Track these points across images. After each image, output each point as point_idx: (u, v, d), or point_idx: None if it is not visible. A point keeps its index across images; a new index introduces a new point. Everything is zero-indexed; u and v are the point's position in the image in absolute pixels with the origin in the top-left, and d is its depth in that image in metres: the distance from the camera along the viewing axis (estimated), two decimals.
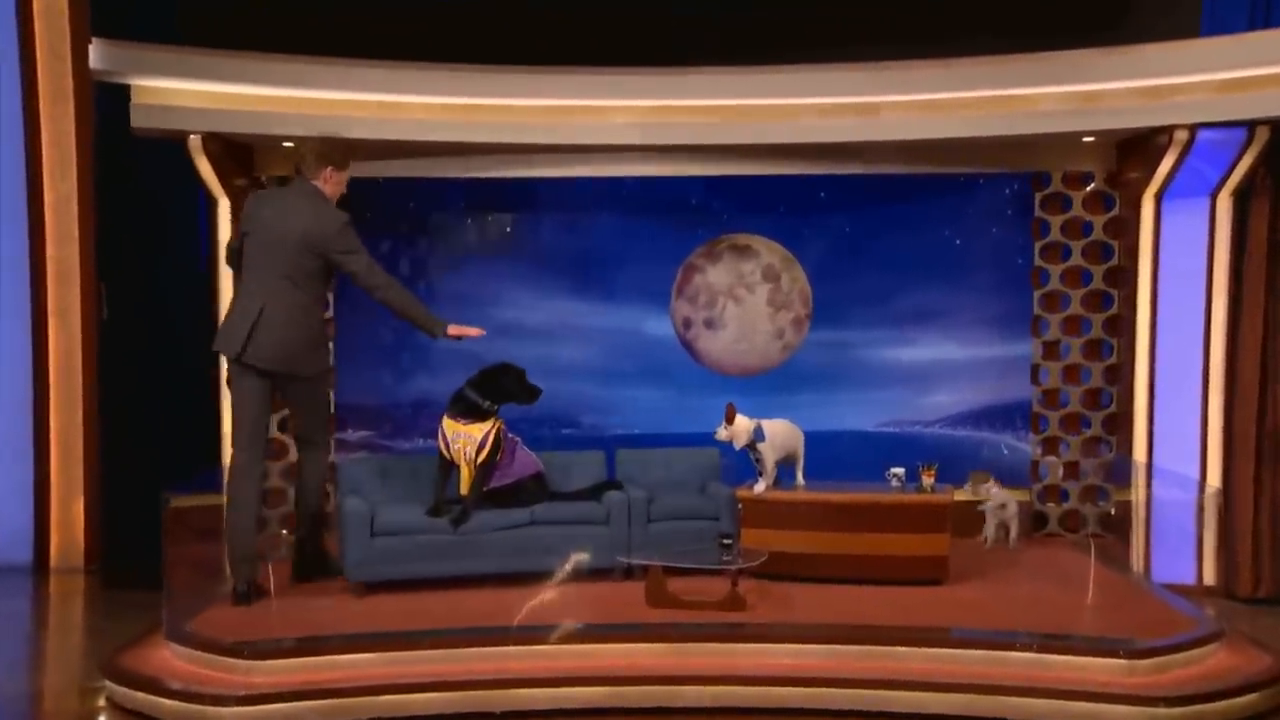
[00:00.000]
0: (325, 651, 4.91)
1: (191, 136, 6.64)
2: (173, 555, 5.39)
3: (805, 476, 6.21)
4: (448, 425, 5.93)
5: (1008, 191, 7.33)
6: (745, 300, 7.48)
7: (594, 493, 6.19)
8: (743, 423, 6.03)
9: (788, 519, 5.94)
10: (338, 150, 5.81)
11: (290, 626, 5.19)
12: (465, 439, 5.89)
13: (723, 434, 6.05)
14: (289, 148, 7.03)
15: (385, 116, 6.78)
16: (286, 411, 7.17)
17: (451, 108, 6.86)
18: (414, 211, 7.36)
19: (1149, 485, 6.87)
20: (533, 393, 6.05)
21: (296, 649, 4.94)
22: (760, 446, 6.03)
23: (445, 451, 5.95)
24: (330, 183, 5.81)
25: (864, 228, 7.42)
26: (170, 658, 5.06)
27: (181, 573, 5.52)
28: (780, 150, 7.11)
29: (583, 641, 5.04)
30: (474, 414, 5.89)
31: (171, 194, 7.25)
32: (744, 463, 6.21)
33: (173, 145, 6.70)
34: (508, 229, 7.52)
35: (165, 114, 6.61)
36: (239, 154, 7.02)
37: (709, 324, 7.52)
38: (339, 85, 6.71)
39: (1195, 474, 6.79)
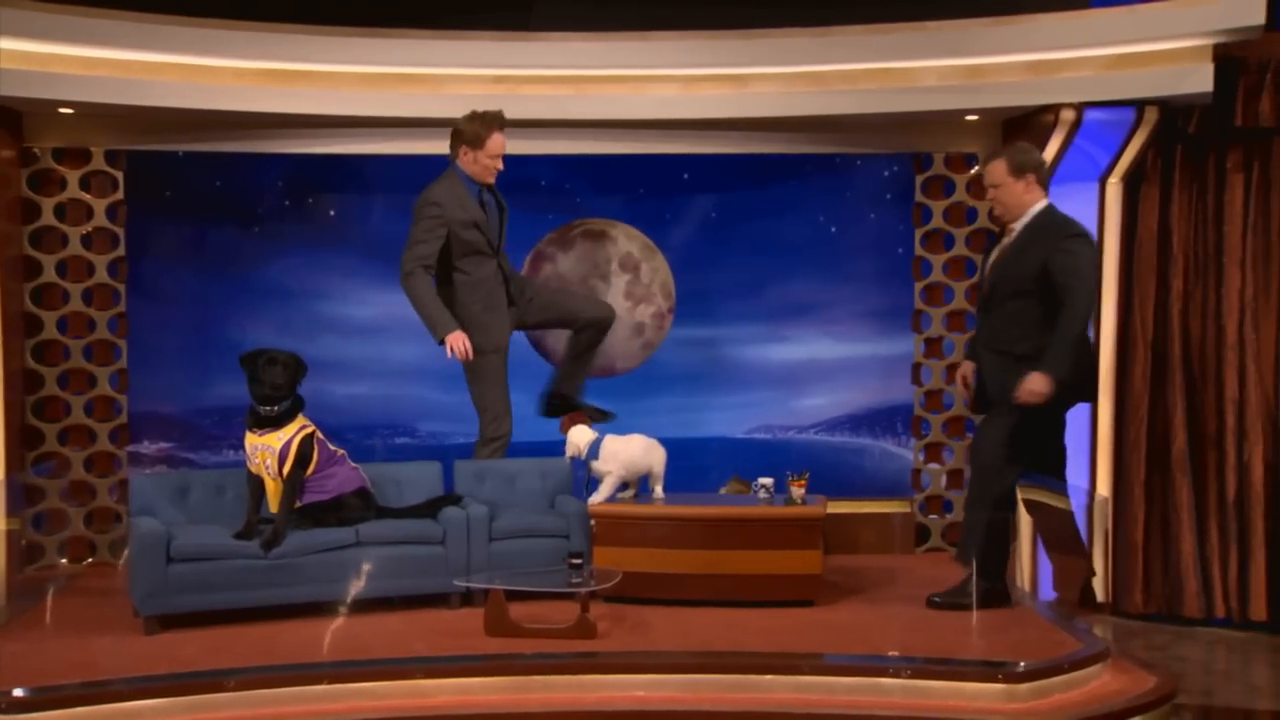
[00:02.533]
0: (107, 699, 4.69)
1: None
2: None
3: (665, 489, 6.20)
4: (247, 439, 5.84)
5: (886, 174, 7.44)
6: (600, 292, 7.45)
7: (429, 509, 6.12)
8: (577, 435, 6.10)
9: (645, 536, 5.94)
10: (473, 125, 6.28)
11: (62, 671, 4.93)
12: (264, 450, 5.78)
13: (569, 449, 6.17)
14: (68, 115, 6.79)
15: (187, 81, 6.57)
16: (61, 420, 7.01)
17: (266, 74, 6.70)
18: (221, 191, 7.16)
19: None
20: (260, 361, 5.83)
21: (71, 697, 4.69)
22: (594, 465, 6.08)
23: (250, 466, 5.85)
24: (465, 160, 6.35)
25: (732, 212, 7.46)
26: None
27: None
28: (639, 126, 7.11)
29: (412, 677, 4.94)
30: (266, 422, 5.80)
31: None
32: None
33: None
34: (332, 212, 7.37)
35: None
36: (5, 120, 6.73)
37: None
38: (130, 43, 6.46)
39: (1085, 482, 6.98)
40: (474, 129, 6.32)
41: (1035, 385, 5.62)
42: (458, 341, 6.27)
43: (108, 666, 5.02)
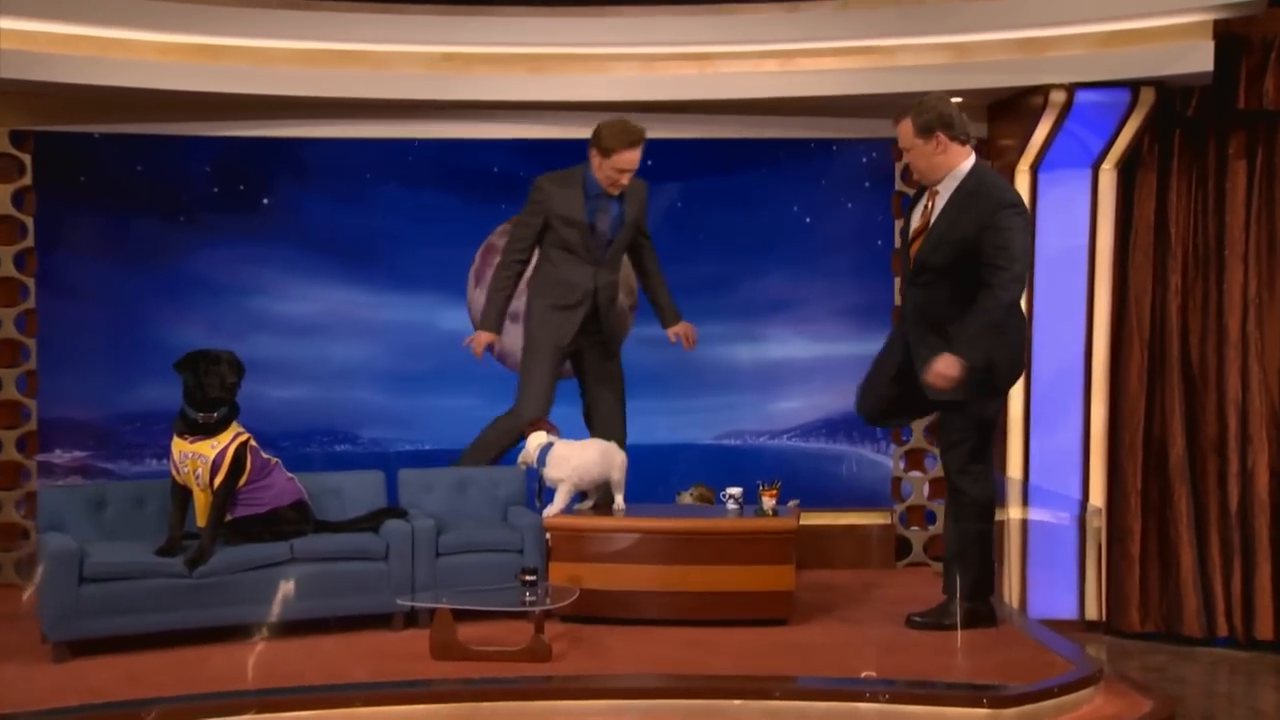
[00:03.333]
0: None
1: None
2: None
3: (627, 499, 6.16)
4: (175, 445, 5.76)
5: (864, 160, 7.42)
6: None
7: (370, 522, 6.07)
8: (532, 440, 6.09)
9: (604, 551, 5.90)
10: (610, 132, 6.30)
11: None
12: (195, 459, 5.71)
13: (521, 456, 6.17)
14: None
15: (103, 55, 6.49)
16: None
17: (191, 48, 6.65)
18: (143, 176, 7.09)
19: (1025, 506, 7.02)
20: (202, 364, 5.75)
21: None
22: (544, 473, 6.05)
23: (177, 476, 5.77)
24: (594, 162, 6.39)
25: (699, 202, 7.43)
26: None
27: None
28: (598, 108, 6.99)
29: (351, 705, 4.86)
30: (200, 429, 5.73)
31: None
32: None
33: None
34: (265, 201, 7.30)
35: None
36: None
37: (514, 317, 7.34)
38: (38, 12, 6.37)
39: (1077, 492, 6.99)
40: (609, 136, 6.30)
41: (944, 368, 5.41)
42: (476, 338, 6.52)
43: (12, 698, 4.90)
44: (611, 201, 6.44)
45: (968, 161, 5.57)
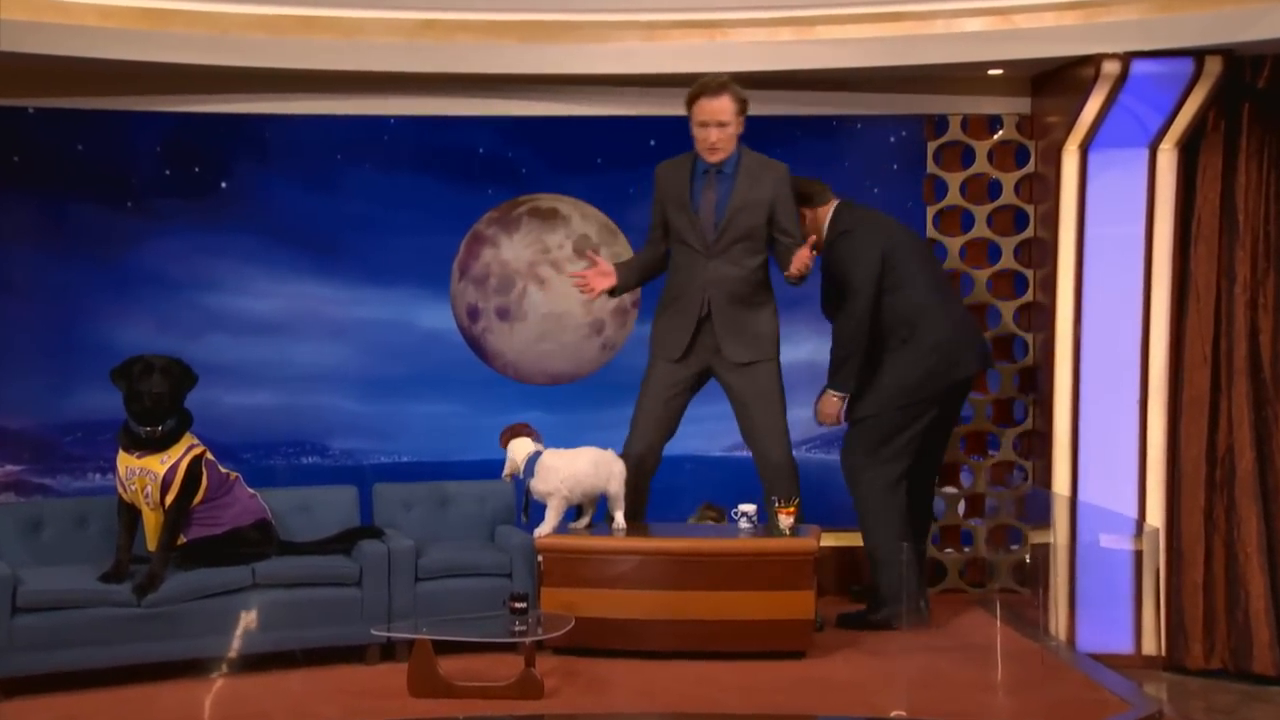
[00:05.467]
0: None
1: None
2: None
3: (627, 517, 6.17)
4: (120, 460, 5.80)
5: (893, 140, 7.44)
6: (552, 283, 7.43)
7: (342, 543, 6.13)
8: (516, 449, 6.08)
9: (602, 574, 5.93)
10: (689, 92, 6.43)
11: None
12: (143, 475, 5.74)
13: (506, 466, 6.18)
14: None
15: (38, 20, 6.43)
16: None
17: (139, 13, 6.61)
18: (85, 157, 7.08)
19: (1073, 525, 7.00)
20: (134, 370, 5.81)
21: None
22: (532, 486, 6.06)
23: (124, 494, 5.81)
24: None
25: None
26: None
27: None
28: (596, 81, 7.12)
29: None
30: (147, 443, 5.76)
31: None
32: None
33: None
34: (223, 184, 7.31)
35: None
36: None
37: (503, 314, 7.46)
38: None
39: (1132, 511, 6.96)
40: (689, 92, 6.32)
41: (821, 405, 6.71)
42: (594, 272, 6.58)
43: None
44: (720, 178, 6.36)
45: (831, 211, 6.72)
